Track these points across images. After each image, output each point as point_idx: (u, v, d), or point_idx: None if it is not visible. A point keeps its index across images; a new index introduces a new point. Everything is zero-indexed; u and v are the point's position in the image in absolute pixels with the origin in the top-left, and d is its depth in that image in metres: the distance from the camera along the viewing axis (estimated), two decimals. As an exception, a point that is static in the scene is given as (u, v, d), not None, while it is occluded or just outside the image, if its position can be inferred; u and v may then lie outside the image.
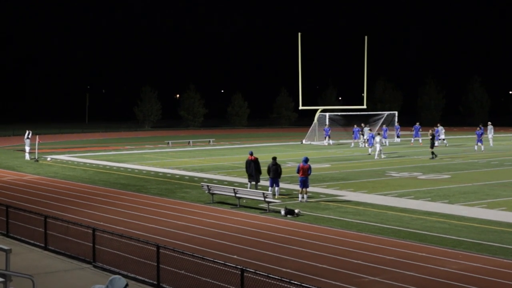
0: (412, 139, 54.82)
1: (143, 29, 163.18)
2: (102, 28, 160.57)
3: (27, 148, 43.07)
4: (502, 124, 56.65)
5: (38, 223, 18.21)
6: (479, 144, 45.53)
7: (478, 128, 47.00)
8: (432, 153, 40.57)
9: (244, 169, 27.49)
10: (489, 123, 52.65)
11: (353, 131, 53.43)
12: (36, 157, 42.18)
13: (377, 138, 42.14)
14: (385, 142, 52.44)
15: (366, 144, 47.58)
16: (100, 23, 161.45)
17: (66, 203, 25.08)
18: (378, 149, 41.55)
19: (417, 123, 56.59)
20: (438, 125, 52.18)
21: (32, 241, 18.23)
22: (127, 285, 7.24)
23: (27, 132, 43.98)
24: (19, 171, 36.45)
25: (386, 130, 53.86)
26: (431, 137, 41.66)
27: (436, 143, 46.63)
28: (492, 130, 50.79)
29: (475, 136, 47.08)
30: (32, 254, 17.40)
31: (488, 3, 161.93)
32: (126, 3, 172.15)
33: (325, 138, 54.00)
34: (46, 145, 52.48)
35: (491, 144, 49.52)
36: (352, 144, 51.98)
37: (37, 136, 44.73)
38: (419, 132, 55.21)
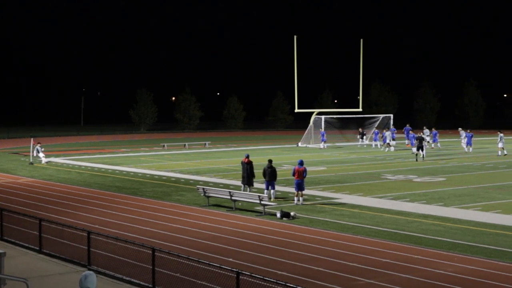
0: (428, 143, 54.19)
1: (139, 32, 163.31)
2: (98, 31, 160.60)
3: (41, 155, 42.88)
4: (497, 128, 56.75)
5: (32, 226, 18.14)
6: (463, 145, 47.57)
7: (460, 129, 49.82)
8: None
9: (240, 172, 27.46)
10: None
11: (404, 130, 53.35)
12: (31, 160, 42.09)
13: (428, 139, 44.86)
14: (378, 144, 52.57)
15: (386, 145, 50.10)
16: (96, 26, 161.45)
17: (61, 206, 25.01)
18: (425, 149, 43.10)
19: (407, 125, 55.91)
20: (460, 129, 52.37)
21: (26, 244, 18.16)
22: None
23: (37, 145, 43.73)
24: (13, 174, 36.35)
25: (377, 133, 53.95)
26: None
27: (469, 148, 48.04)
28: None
29: (461, 138, 48.63)
30: (26, 257, 17.33)
31: (483, 6, 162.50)
32: (121, 6, 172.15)
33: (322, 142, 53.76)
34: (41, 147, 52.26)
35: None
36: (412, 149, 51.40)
37: (32, 139, 44.64)
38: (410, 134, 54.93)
